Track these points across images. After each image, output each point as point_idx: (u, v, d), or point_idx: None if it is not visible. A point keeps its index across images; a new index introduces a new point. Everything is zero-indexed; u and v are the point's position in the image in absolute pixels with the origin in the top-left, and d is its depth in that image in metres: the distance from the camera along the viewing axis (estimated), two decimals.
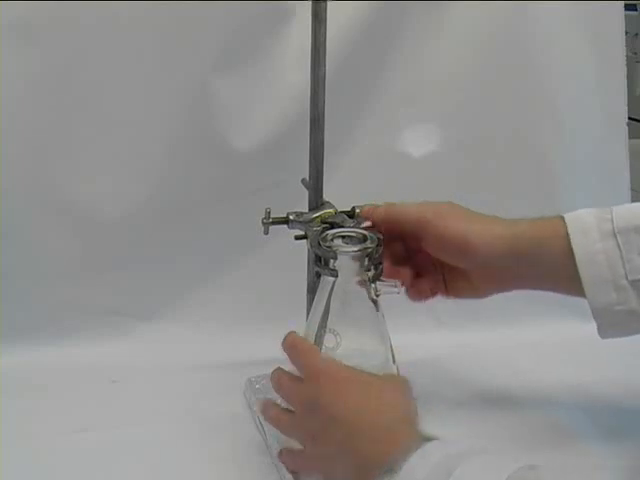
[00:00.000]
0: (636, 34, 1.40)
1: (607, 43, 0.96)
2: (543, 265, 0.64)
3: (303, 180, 0.76)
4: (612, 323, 0.63)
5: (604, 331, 0.64)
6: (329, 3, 0.69)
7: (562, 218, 0.64)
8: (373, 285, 0.64)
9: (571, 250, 0.62)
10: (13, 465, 0.68)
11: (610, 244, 0.62)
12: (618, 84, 0.97)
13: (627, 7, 0.97)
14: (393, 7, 0.89)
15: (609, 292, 0.62)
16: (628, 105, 0.98)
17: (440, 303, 0.91)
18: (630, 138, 0.99)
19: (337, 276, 0.63)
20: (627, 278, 0.61)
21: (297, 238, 0.71)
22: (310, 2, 0.69)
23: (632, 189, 0.99)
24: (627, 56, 0.97)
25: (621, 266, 0.61)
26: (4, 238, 0.86)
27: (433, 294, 0.72)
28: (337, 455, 0.56)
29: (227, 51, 0.87)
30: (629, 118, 0.98)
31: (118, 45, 0.84)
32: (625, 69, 0.97)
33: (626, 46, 0.97)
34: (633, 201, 0.99)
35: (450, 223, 0.67)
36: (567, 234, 0.63)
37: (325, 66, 0.70)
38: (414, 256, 0.71)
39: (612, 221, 0.62)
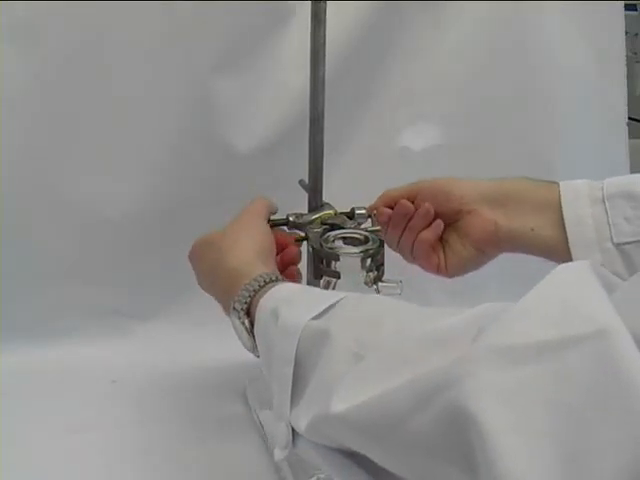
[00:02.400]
0: (636, 34, 1.40)
1: (607, 43, 0.96)
2: (530, 214, 0.65)
3: (301, 181, 0.76)
4: None
5: None
6: (329, 3, 0.69)
7: (557, 183, 0.66)
8: (375, 286, 0.64)
9: (560, 210, 0.63)
10: (13, 465, 0.68)
11: (598, 208, 0.63)
12: (618, 84, 0.97)
13: (627, 7, 0.97)
14: (393, 7, 0.89)
15: (594, 253, 0.62)
16: (628, 105, 0.98)
17: (440, 303, 0.92)
18: (630, 138, 0.99)
19: (339, 277, 0.64)
20: (612, 241, 0.62)
21: (298, 240, 0.71)
22: (310, 2, 0.69)
23: None
24: (627, 56, 0.97)
25: (607, 229, 0.62)
26: (4, 238, 0.86)
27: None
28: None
29: (227, 51, 0.87)
30: (629, 118, 0.99)
31: (118, 45, 0.84)
32: (625, 69, 0.97)
33: (626, 46, 0.97)
34: None
35: (441, 179, 0.70)
36: (559, 194, 0.64)
37: (325, 66, 0.70)
38: None
39: (602, 189, 0.63)
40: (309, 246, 0.70)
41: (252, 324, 0.55)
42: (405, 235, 0.69)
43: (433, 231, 0.68)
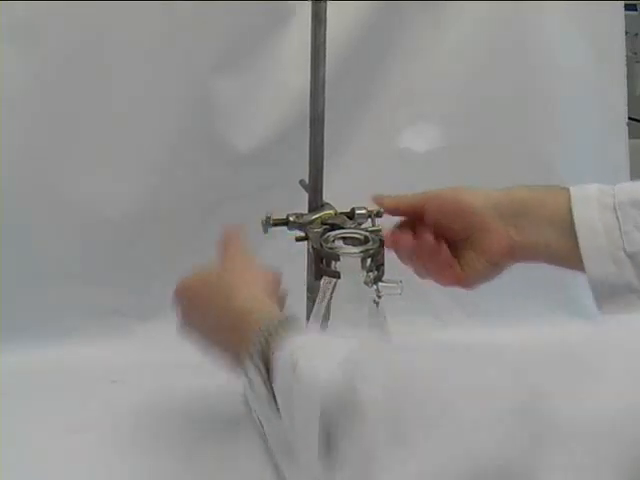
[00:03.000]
0: (636, 34, 1.40)
1: (607, 43, 0.96)
2: (543, 227, 0.65)
3: (301, 181, 0.76)
4: (608, 295, 0.63)
5: (601, 304, 0.64)
6: (329, 3, 0.69)
7: (566, 188, 0.65)
8: (375, 286, 0.64)
9: (572, 219, 0.63)
10: (13, 465, 0.68)
11: (609, 216, 0.62)
12: (618, 84, 0.97)
13: (627, 7, 0.97)
14: (393, 7, 0.89)
15: (606, 263, 0.62)
16: (628, 105, 0.98)
17: (440, 303, 0.92)
18: (630, 138, 0.99)
19: (339, 277, 0.63)
20: (624, 250, 0.62)
21: (298, 240, 0.71)
22: (310, 2, 0.69)
23: None
24: (627, 56, 0.97)
25: (619, 237, 0.62)
26: (4, 238, 0.86)
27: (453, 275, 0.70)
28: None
29: (227, 51, 0.87)
30: (629, 118, 0.98)
31: (118, 45, 0.84)
32: (625, 69, 0.97)
33: (626, 46, 0.97)
34: None
35: (449, 191, 0.68)
36: (569, 202, 0.64)
37: (325, 66, 0.70)
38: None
39: (613, 195, 0.63)
40: (309, 246, 0.70)
41: (267, 370, 0.52)
42: (414, 259, 0.68)
43: (442, 257, 0.68)
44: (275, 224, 0.72)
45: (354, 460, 0.42)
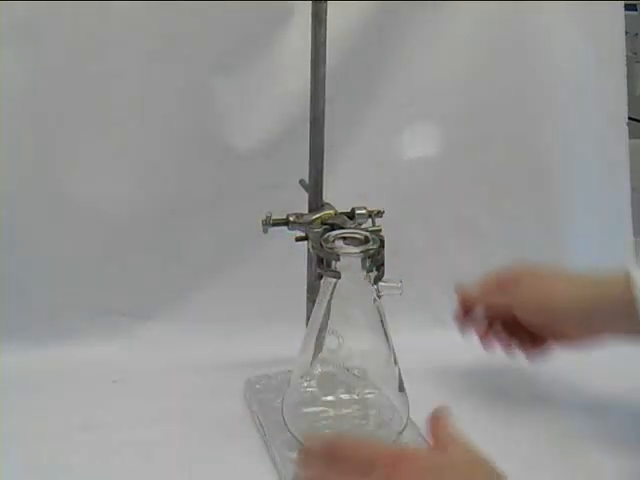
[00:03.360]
0: (636, 34, 1.40)
1: (607, 43, 0.96)
2: (611, 315, 0.71)
3: (301, 181, 0.76)
4: None
5: None
6: (329, 3, 0.69)
7: (627, 273, 0.70)
8: (375, 286, 0.64)
9: (635, 301, 0.68)
10: (13, 465, 0.68)
11: None
12: (618, 84, 0.97)
13: (627, 7, 0.97)
14: (393, 7, 0.89)
15: None
16: (628, 105, 0.98)
17: (440, 303, 0.92)
18: (630, 138, 0.99)
19: (339, 277, 0.63)
20: None
21: (298, 239, 0.71)
22: (310, 2, 0.69)
23: (632, 189, 0.99)
24: (627, 56, 0.97)
25: None
26: (4, 238, 0.86)
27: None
28: None
29: (227, 51, 0.87)
30: (629, 118, 0.98)
31: (118, 45, 0.84)
32: (625, 69, 0.97)
33: (626, 46, 0.97)
34: (633, 201, 0.99)
35: (530, 291, 0.75)
36: (630, 285, 0.69)
37: (325, 66, 0.70)
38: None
39: None
40: (309, 246, 0.70)
41: None
42: None
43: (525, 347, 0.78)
44: (275, 224, 0.72)
45: None
